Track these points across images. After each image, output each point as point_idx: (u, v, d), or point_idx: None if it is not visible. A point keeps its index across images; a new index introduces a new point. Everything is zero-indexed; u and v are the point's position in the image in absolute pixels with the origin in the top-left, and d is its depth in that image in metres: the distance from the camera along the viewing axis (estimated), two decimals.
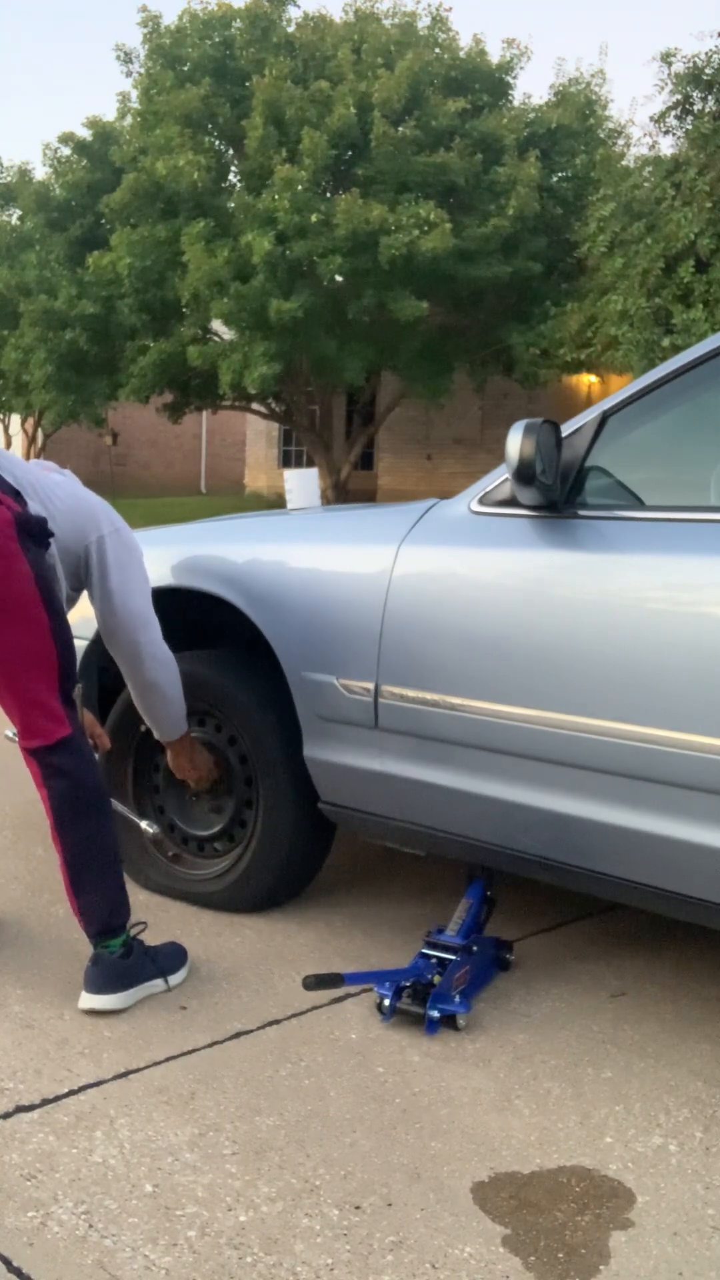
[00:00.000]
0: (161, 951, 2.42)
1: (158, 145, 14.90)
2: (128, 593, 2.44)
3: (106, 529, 2.45)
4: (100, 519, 2.46)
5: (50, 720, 2.27)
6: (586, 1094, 2.03)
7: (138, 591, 2.46)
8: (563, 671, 2.17)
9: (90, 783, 2.32)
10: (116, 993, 2.28)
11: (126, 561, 2.46)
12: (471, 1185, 1.76)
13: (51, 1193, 1.71)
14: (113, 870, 2.34)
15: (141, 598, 2.47)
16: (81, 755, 2.32)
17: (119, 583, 2.43)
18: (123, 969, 2.30)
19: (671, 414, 2.31)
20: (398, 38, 15.24)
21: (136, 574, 2.48)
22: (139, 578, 2.48)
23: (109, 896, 2.32)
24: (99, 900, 2.31)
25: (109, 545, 2.43)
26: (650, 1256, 1.61)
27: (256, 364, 14.34)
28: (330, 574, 2.61)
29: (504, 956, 2.49)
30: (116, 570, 2.43)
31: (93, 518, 2.45)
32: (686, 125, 12.25)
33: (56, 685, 2.28)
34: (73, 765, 2.29)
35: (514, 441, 2.15)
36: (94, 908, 2.31)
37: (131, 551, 2.49)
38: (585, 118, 15.90)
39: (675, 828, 2.06)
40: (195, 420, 25.96)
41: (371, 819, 2.58)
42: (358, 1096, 2.00)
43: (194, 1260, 1.57)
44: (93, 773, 2.34)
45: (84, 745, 2.35)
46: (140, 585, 2.48)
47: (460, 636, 2.33)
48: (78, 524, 2.42)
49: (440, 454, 19.72)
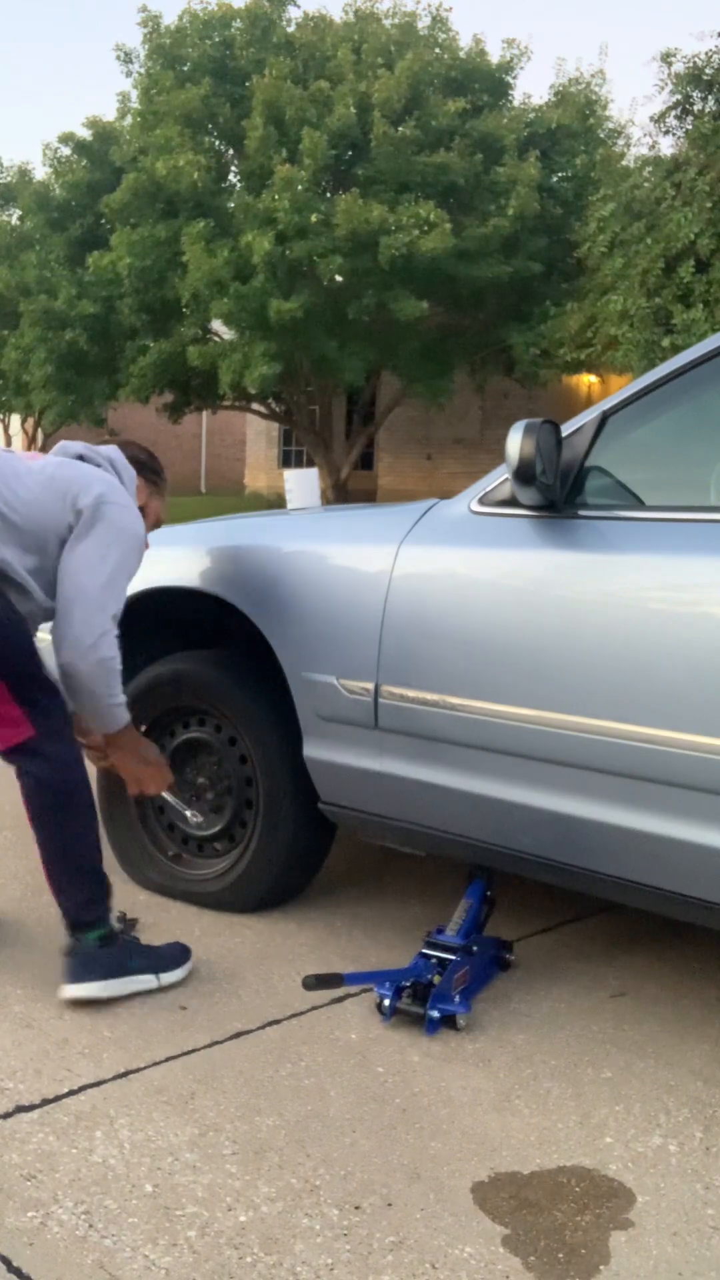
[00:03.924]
0: (160, 950, 2.42)
1: (158, 145, 14.91)
2: (80, 566, 2.28)
3: (86, 502, 2.30)
4: (80, 493, 2.30)
5: (6, 725, 2.29)
6: (586, 1094, 2.03)
7: (90, 568, 2.27)
8: (563, 671, 2.17)
9: (57, 783, 2.31)
10: (91, 981, 2.29)
11: (98, 535, 2.29)
12: (471, 1185, 1.76)
13: (51, 1193, 1.71)
14: (87, 867, 2.36)
15: (91, 575, 2.27)
16: (44, 757, 2.31)
17: (77, 552, 2.28)
18: (101, 958, 2.32)
19: (671, 414, 2.31)
20: (398, 38, 15.28)
21: (100, 550, 2.28)
22: (100, 555, 2.28)
23: (83, 891, 2.35)
24: (72, 894, 2.35)
25: (84, 518, 2.29)
26: (650, 1256, 1.61)
27: (256, 364, 14.35)
28: (330, 574, 2.61)
29: (504, 956, 2.49)
30: (79, 540, 2.29)
31: (67, 495, 2.31)
32: (686, 125, 12.26)
33: (8, 691, 2.27)
34: (35, 767, 2.31)
35: (514, 441, 2.15)
36: (68, 901, 2.35)
37: (110, 527, 2.30)
38: (585, 118, 15.93)
39: (675, 828, 2.06)
40: (195, 420, 25.95)
41: (371, 819, 2.58)
42: (358, 1096, 2.00)
43: (194, 1260, 1.57)
44: (62, 774, 2.32)
45: (51, 747, 2.31)
46: (97, 563, 2.28)
47: (460, 636, 2.33)
48: (50, 509, 2.30)
49: (440, 454, 19.71)
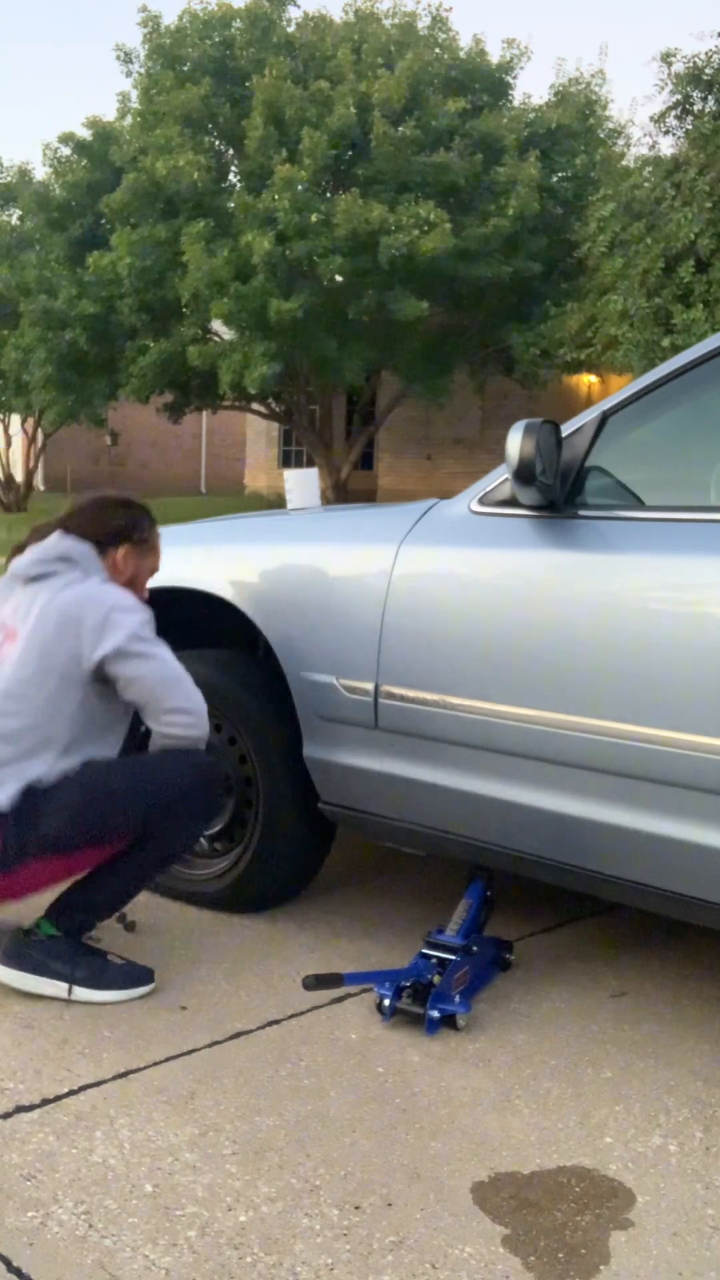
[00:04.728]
0: (112, 968, 2.36)
1: (158, 145, 14.90)
2: (148, 683, 2.31)
3: (103, 651, 2.27)
4: (87, 649, 2.27)
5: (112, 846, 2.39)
6: (586, 1094, 2.03)
7: (153, 675, 2.31)
8: (563, 671, 2.17)
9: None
10: (11, 969, 2.34)
11: (132, 652, 2.28)
12: (471, 1185, 1.76)
13: (51, 1193, 1.71)
14: (129, 894, 2.43)
15: (156, 675, 2.31)
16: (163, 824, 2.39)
17: (135, 681, 2.30)
18: (35, 949, 2.34)
19: (671, 414, 2.31)
20: (398, 38, 15.28)
21: (143, 662, 2.30)
22: (147, 662, 2.30)
23: (98, 911, 2.42)
24: (89, 897, 2.39)
25: (111, 658, 2.27)
26: (650, 1256, 1.61)
27: (256, 364, 14.34)
28: (330, 574, 2.61)
29: (504, 956, 2.49)
30: (123, 671, 2.29)
31: (77, 653, 2.28)
32: (686, 125, 12.24)
33: (77, 855, 2.37)
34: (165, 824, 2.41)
35: (514, 441, 2.15)
36: (79, 898, 2.38)
37: (126, 636, 2.28)
38: (585, 118, 15.92)
39: (675, 828, 2.06)
40: (195, 420, 25.95)
41: (371, 819, 2.58)
42: (358, 1096, 2.00)
43: (194, 1260, 1.57)
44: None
45: (163, 821, 2.37)
46: (151, 666, 2.30)
47: (460, 637, 2.33)
48: (49, 682, 2.29)
49: (440, 454, 19.71)
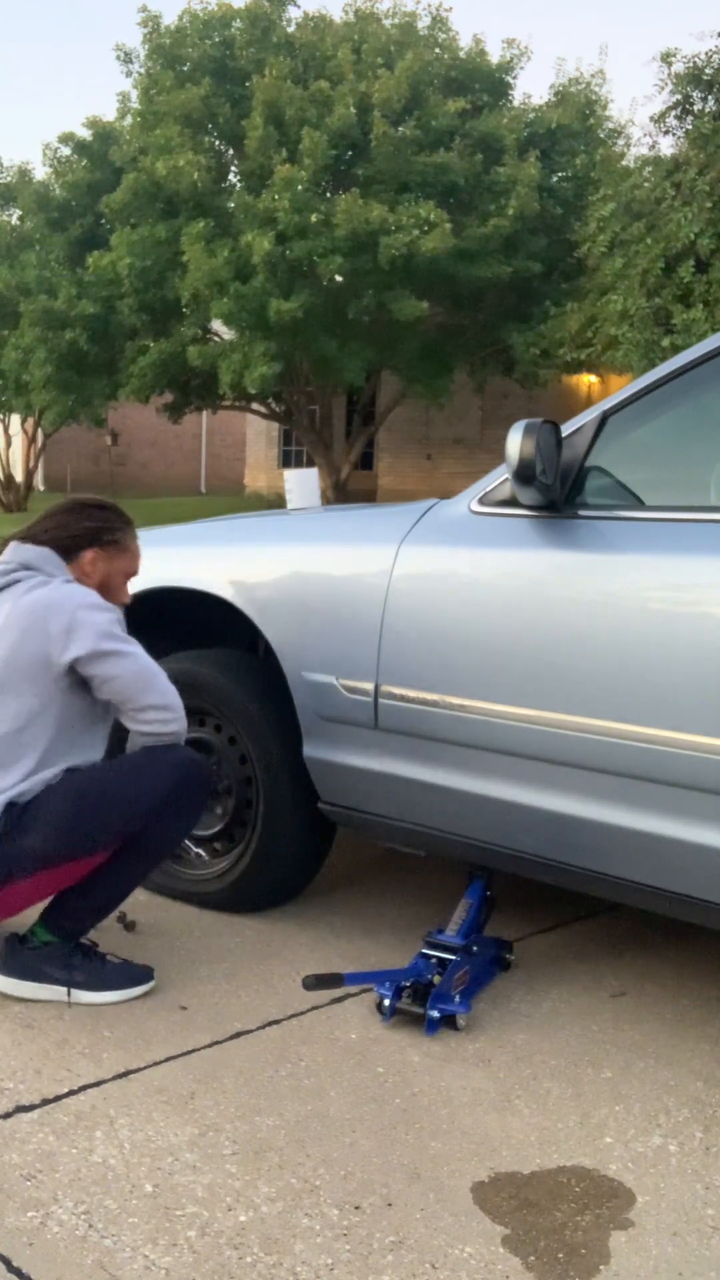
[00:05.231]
0: (110, 968, 2.36)
1: (158, 145, 14.90)
2: (122, 683, 2.29)
3: (73, 654, 2.24)
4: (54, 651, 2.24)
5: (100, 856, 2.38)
6: (586, 1094, 2.03)
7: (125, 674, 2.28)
8: (563, 671, 2.17)
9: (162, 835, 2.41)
10: (9, 977, 2.33)
11: (102, 651, 2.25)
12: (471, 1185, 1.76)
13: (51, 1193, 1.71)
14: (120, 898, 2.41)
15: (130, 672, 2.28)
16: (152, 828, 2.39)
17: (110, 680, 2.28)
18: (27, 958, 2.34)
19: (671, 414, 2.31)
20: (398, 38, 15.26)
21: (114, 661, 2.27)
22: (118, 662, 2.27)
23: (92, 916, 2.40)
24: (83, 904, 2.37)
25: (84, 661, 2.25)
26: (650, 1256, 1.61)
27: (256, 364, 14.35)
28: (330, 574, 2.61)
29: (504, 956, 2.49)
30: (94, 672, 2.27)
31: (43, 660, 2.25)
32: (686, 125, 12.24)
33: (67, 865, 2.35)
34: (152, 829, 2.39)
35: (514, 441, 2.15)
36: (72, 905, 2.36)
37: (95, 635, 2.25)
38: (585, 118, 15.91)
39: (675, 828, 2.06)
40: (195, 420, 25.95)
41: (371, 819, 2.58)
42: (358, 1096, 2.00)
43: (194, 1260, 1.57)
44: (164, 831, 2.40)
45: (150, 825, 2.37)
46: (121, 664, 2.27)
47: (460, 636, 2.33)
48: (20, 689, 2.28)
49: (440, 454, 19.71)
